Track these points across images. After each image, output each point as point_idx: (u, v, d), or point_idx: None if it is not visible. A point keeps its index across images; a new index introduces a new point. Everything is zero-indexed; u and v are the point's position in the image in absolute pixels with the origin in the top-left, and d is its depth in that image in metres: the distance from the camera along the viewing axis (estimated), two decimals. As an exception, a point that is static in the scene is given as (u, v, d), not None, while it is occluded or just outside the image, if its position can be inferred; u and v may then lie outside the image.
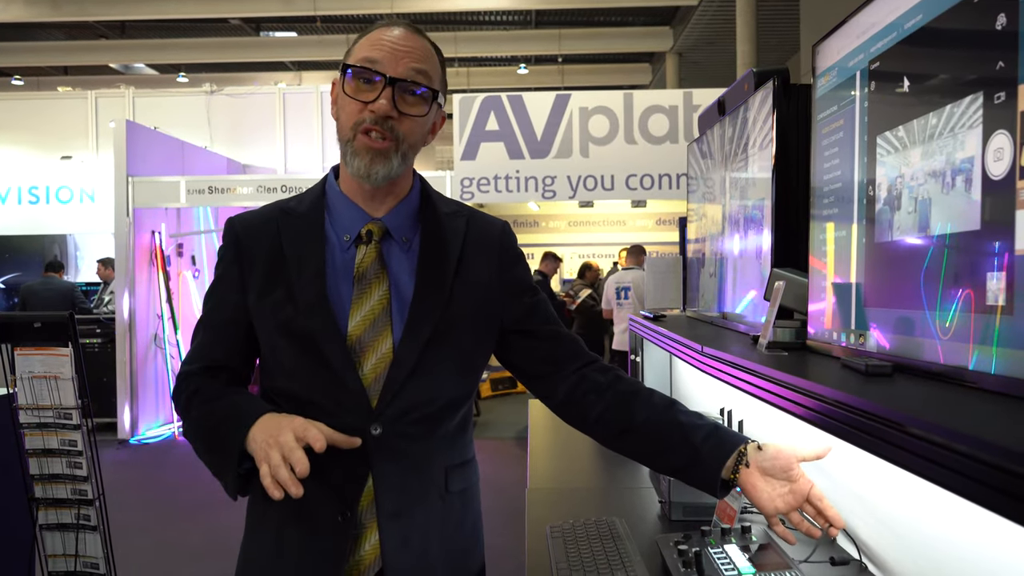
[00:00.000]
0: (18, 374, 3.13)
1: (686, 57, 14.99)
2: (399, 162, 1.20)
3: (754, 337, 1.96)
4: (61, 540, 3.22)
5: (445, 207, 1.32)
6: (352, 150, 1.19)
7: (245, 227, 1.27)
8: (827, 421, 1.20)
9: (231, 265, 1.26)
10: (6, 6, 12.68)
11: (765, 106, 2.09)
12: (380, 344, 1.19)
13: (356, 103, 1.17)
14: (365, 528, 1.17)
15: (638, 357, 3.19)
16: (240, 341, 1.25)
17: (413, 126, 1.20)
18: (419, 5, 12.98)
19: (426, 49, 1.22)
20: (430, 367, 1.20)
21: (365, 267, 1.22)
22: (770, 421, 1.96)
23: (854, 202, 1.50)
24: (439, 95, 1.23)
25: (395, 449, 1.18)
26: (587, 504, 1.85)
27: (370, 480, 1.17)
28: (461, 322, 1.24)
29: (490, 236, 1.33)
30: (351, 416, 1.16)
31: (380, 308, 1.20)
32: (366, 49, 1.18)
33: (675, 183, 6.75)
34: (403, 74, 1.17)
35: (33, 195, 9.26)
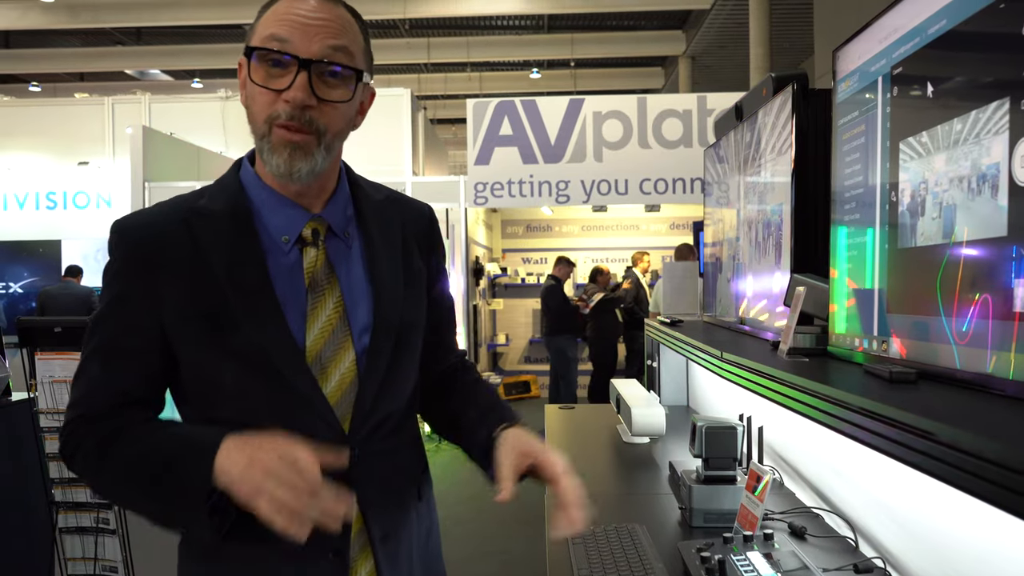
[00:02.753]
0: (39, 378, 3.16)
1: (699, 61, 14.96)
2: (324, 156, 1.04)
3: (774, 343, 1.95)
4: (80, 543, 3.24)
5: (376, 193, 1.21)
6: (269, 146, 1.03)
7: (143, 234, 1.06)
8: (851, 428, 1.19)
9: (132, 281, 1.04)
10: (24, 14, 12.83)
11: (784, 111, 2.08)
12: (342, 358, 1.07)
13: (267, 93, 1.01)
14: (356, 559, 1.07)
15: (655, 362, 3.19)
16: (157, 370, 1.05)
17: (336, 114, 1.04)
18: (431, 10, 13.02)
19: (343, 19, 1.04)
20: (395, 374, 1.11)
21: (317, 271, 1.08)
22: (791, 428, 1.95)
23: (876, 208, 1.49)
24: (364, 74, 1.06)
25: (373, 469, 1.08)
26: (607, 511, 1.85)
27: (357, 507, 1.06)
28: (416, 320, 1.17)
29: (421, 222, 1.24)
30: (319, 443, 0.96)
31: (337, 317, 1.07)
32: (272, 25, 1.01)
33: (689, 187, 6.74)
34: (319, 53, 1.00)
35: (51, 200, 9.35)
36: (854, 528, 1.57)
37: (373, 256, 1.13)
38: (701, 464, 1.72)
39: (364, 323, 1.09)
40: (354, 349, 1.08)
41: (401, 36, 15.20)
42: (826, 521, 1.68)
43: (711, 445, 1.70)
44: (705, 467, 1.71)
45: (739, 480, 1.71)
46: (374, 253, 1.13)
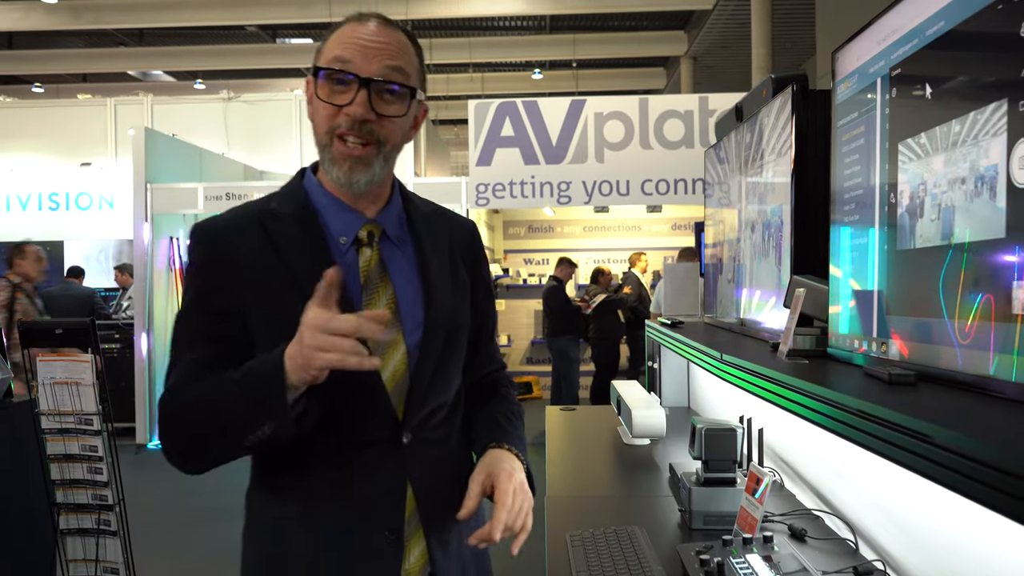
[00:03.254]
0: (40, 380, 3.16)
1: (701, 61, 14.95)
2: (381, 166, 1.15)
3: (774, 344, 1.94)
4: (82, 545, 3.25)
5: (423, 207, 1.30)
6: (330, 157, 1.13)
7: (223, 234, 1.17)
8: (849, 430, 1.19)
9: (212, 278, 1.14)
10: (27, 14, 12.86)
11: (784, 112, 2.08)
12: (394, 351, 1.16)
13: (330, 107, 1.11)
14: (409, 539, 1.16)
15: (655, 364, 3.18)
16: (235, 357, 1.11)
17: (392, 127, 1.14)
18: (433, 11, 13.03)
19: (400, 43, 1.15)
20: (444, 369, 1.20)
21: (371, 270, 1.18)
22: (791, 429, 1.95)
23: (875, 209, 1.49)
24: (417, 91, 1.17)
25: (425, 455, 1.17)
26: (606, 512, 1.85)
27: (412, 490, 1.15)
28: (462, 321, 1.26)
29: (465, 238, 1.33)
30: (378, 427, 1.13)
31: (389, 313, 1.16)
32: (337, 47, 1.12)
33: (691, 188, 6.73)
34: (377, 73, 1.10)
35: (53, 201, 9.37)
36: (854, 530, 1.57)
37: (424, 260, 1.22)
38: (701, 466, 1.72)
39: (415, 320, 1.18)
40: (405, 344, 1.16)
41: (403, 37, 15.18)
42: (826, 523, 1.68)
43: (711, 447, 1.69)
44: (705, 469, 1.71)
45: (739, 482, 1.70)
46: (425, 257, 1.22)
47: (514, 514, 1.12)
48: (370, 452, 1.14)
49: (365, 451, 1.14)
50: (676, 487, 1.98)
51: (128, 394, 6.98)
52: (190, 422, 1.08)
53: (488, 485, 1.14)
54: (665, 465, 2.28)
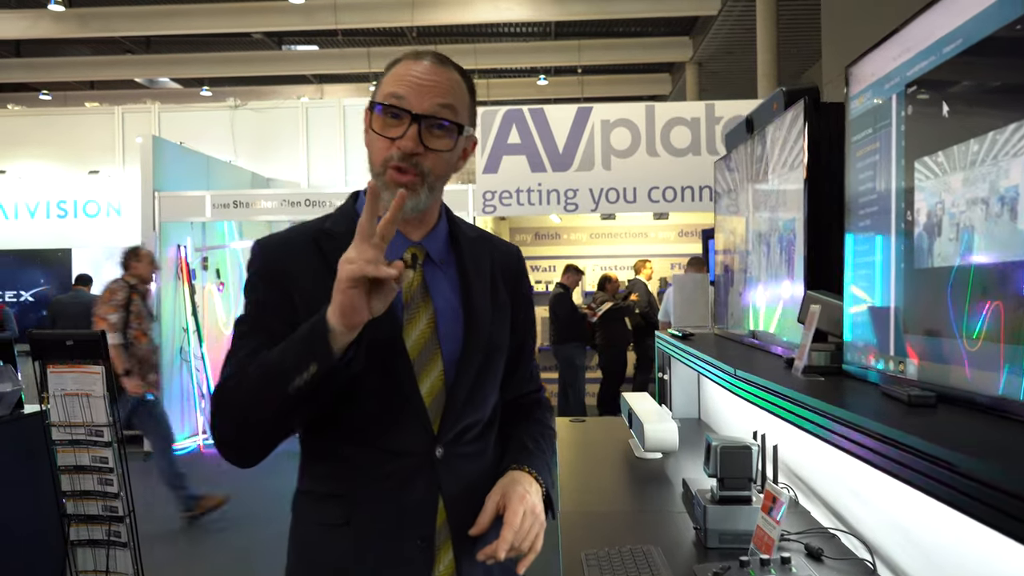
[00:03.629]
0: (50, 391, 3.17)
1: (706, 67, 14.94)
2: (426, 195, 1.21)
3: (788, 359, 1.94)
4: (92, 556, 3.25)
5: (470, 232, 1.37)
6: (382, 183, 1.20)
7: (282, 250, 1.25)
8: (870, 454, 1.18)
9: (271, 289, 1.22)
10: (35, 23, 12.92)
11: (796, 126, 2.07)
12: (432, 368, 1.22)
13: (384, 140, 1.19)
14: (439, 548, 1.21)
15: (666, 375, 3.17)
16: None
17: (439, 160, 1.20)
18: (439, 18, 13.05)
19: (452, 81, 1.21)
20: (480, 387, 1.26)
21: (413, 290, 1.24)
22: (805, 445, 1.94)
23: (891, 226, 1.48)
24: (465, 127, 1.23)
25: (457, 469, 1.22)
26: (620, 529, 1.84)
27: (443, 502, 1.21)
28: (500, 342, 1.31)
29: (509, 262, 1.39)
30: (414, 440, 1.20)
31: (429, 332, 1.23)
32: (392, 84, 1.19)
33: (698, 195, 6.72)
34: (428, 110, 1.17)
35: (61, 209, 9.40)
36: (872, 550, 1.56)
37: (467, 283, 1.28)
38: (716, 484, 1.71)
39: (454, 339, 1.24)
40: (443, 361, 1.23)
41: (408, 43, 15.24)
42: (843, 542, 1.66)
43: (726, 465, 1.69)
44: (720, 487, 1.70)
45: (754, 500, 1.69)
46: (468, 280, 1.28)
47: (521, 535, 1.16)
48: (405, 463, 1.20)
49: (400, 462, 1.20)
50: (690, 504, 1.97)
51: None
52: (241, 390, 1.13)
53: (502, 504, 1.19)
54: (677, 480, 2.27)
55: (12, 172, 10.02)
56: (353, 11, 12.91)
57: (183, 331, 7.38)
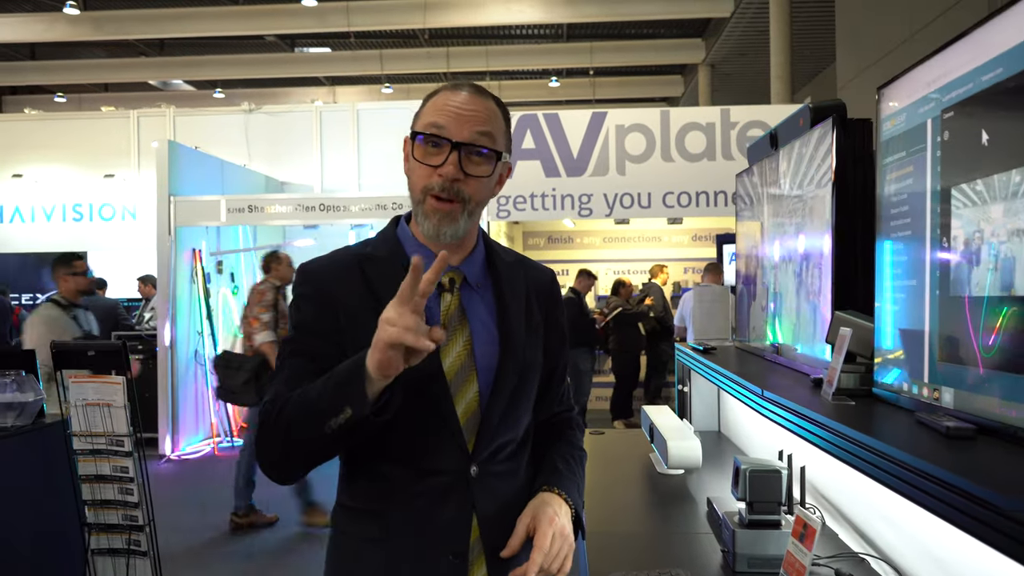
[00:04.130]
0: (72, 401, 3.19)
1: (718, 69, 14.90)
2: (466, 221, 1.25)
3: (815, 380, 1.92)
4: (112, 565, 3.27)
5: (506, 256, 1.40)
6: (423, 212, 1.25)
7: (326, 273, 1.30)
8: (907, 488, 1.17)
9: (316, 310, 1.26)
10: (50, 26, 13.02)
11: (824, 144, 2.06)
12: (468, 389, 1.25)
13: (425, 168, 1.23)
14: (472, 564, 1.24)
15: (686, 387, 3.16)
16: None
17: (478, 186, 1.25)
18: (451, 20, 13.06)
19: (489, 110, 1.26)
20: (513, 408, 1.29)
21: (451, 313, 1.28)
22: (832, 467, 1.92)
23: (926, 252, 1.47)
24: (503, 154, 1.28)
25: (491, 487, 1.25)
26: (647, 550, 1.83)
27: (476, 520, 1.24)
28: (534, 362, 1.34)
29: (543, 285, 1.42)
30: (450, 459, 1.23)
31: (465, 353, 1.26)
32: (432, 114, 1.24)
33: (712, 200, 6.69)
34: (468, 138, 1.22)
35: (77, 212, 9.47)
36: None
37: (503, 305, 1.32)
38: (745, 507, 1.70)
39: (489, 360, 1.27)
40: (478, 382, 1.26)
41: (421, 46, 15.27)
42: (872, 567, 1.65)
43: (755, 489, 1.68)
44: (749, 511, 1.69)
45: (784, 524, 1.68)
46: (504, 303, 1.32)
47: (550, 558, 1.20)
48: (440, 481, 1.23)
49: (436, 480, 1.23)
50: (716, 525, 1.96)
51: (151, 405, 7.03)
52: (282, 419, 1.17)
53: (532, 527, 1.23)
54: (700, 498, 2.26)
55: (29, 175, 10.09)
56: (365, 13, 12.94)
57: (197, 334, 7.41)
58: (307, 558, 4.40)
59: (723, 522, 1.77)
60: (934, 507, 1.10)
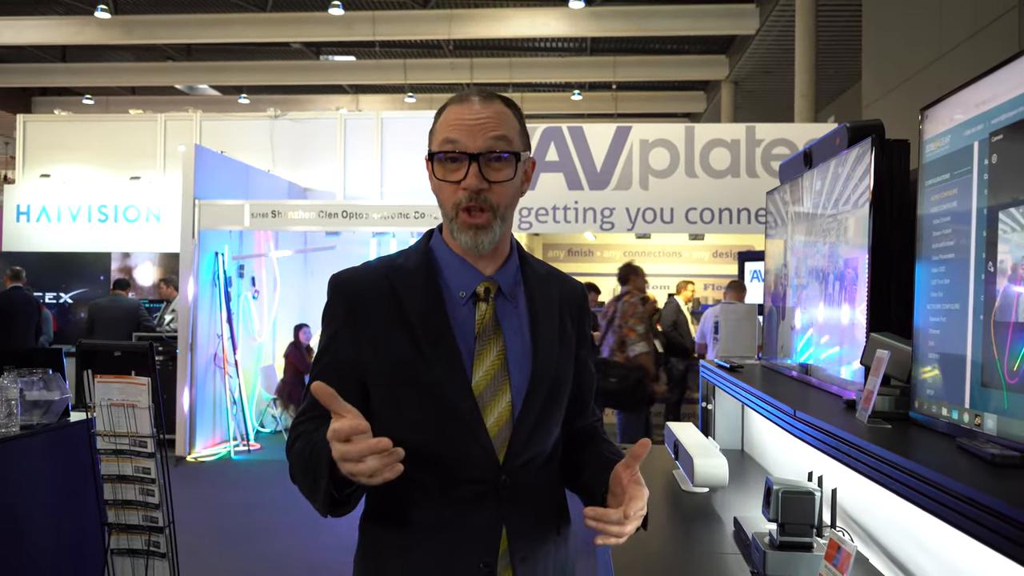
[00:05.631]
0: (97, 400, 3.21)
1: (742, 86, 14.87)
2: (500, 226, 1.26)
3: (847, 401, 1.90)
4: (131, 565, 3.28)
5: (539, 268, 1.40)
6: (457, 227, 1.26)
7: (354, 285, 1.31)
8: (950, 513, 1.15)
9: (343, 324, 1.29)
10: (81, 29, 13.22)
11: (861, 164, 2.04)
12: (500, 399, 1.25)
13: (449, 185, 1.24)
14: (501, 572, 1.24)
15: (710, 405, 3.14)
16: (354, 399, 1.21)
17: (504, 190, 1.25)
18: (476, 32, 13.14)
19: (501, 114, 1.26)
20: (544, 420, 1.29)
21: (485, 323, 1.28)
22: (860, 488, 1.90)
23: (970, 275, 1.45)
24: (522, 154, 1.28)
25: (520, 498, 1.25)
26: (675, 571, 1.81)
27: (505, 529, 1.24)
28: (566, 375, 1.34)
29: (574, 297, 1.42)
30: (478, 469, 1.23)
31: (499, 363, 1.26)
32: (445, 130, 1.25)
33: (735, 218, 6.66)
34: (484, 147, 1.22)
35: (102, 213, 9.58)
36: (939, 605, 1.52)
37: (535, 317, 1.32)
38: (776, 529, 1.68)
39: (522, 371, 1.27)
40: (511, 392, 1.26)
41: (445, 56, 15.36)
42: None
43: (788, 510, 1.65)
44: (780, 532, 1.67)
45: (815, 547, 1.66)
46: (536, 315, 1.32)
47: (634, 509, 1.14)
48: (470, 490, 1.23)
49: (466, 489, 1.23)
50: (744, 545, 1.93)
51: (169, 407, 7.07)
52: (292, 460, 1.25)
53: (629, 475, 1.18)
54: (726, 517, 2.24)
55: (56, 176, 10.23)
56: (391, 23, 13.05)
57: (217, 337, 7.45)
58: (330, 564, 4.40)
59: (753, 543, 1.75)
60: (980, 534, 1.08)
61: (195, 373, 7.16)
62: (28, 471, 3.14)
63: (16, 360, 3.26)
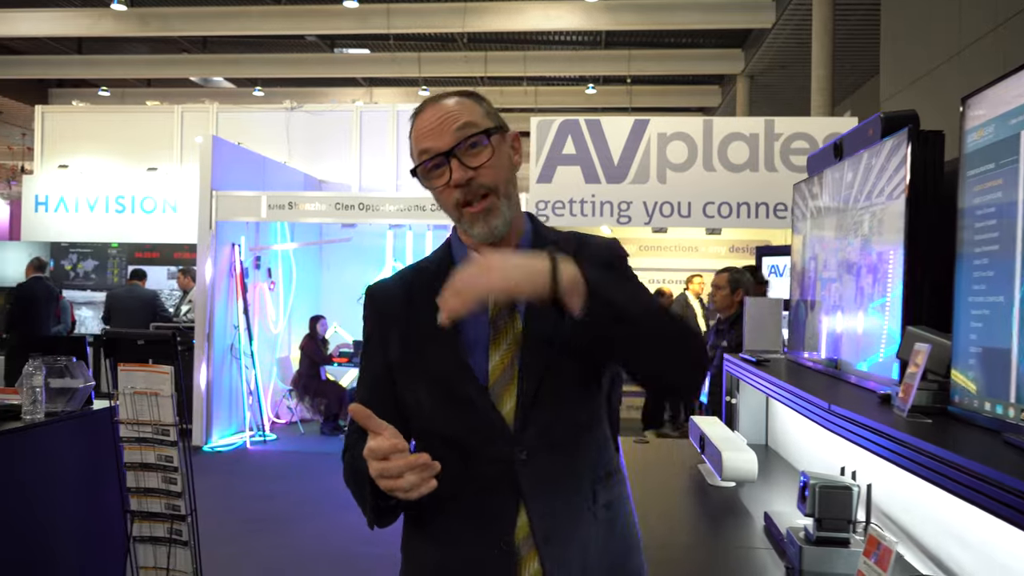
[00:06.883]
0: (120, 389, 3.22)
1: (757, 80, 14.77)
2: (506, 206, 1.27)
3: (882, 396, 1.88)
4: (153, 553, 3.29)
5: (556, 236, 1.38)
6: (467, 223, 1.28)
7: (381, 292, 1.38)
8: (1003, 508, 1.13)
9: (373, 328, 1.36)
10: (97, 21, 13.27)
11: (897, 154, 2.01)
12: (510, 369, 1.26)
13: (444, 189, 1.27)
14: (524, 556, 1.22)
15: (734, 399, 3.12)
16: (389, 398, 1.32)
17: (492, 170, 1.26)
18: (489, 25, 13.11)
19: (458, 105, 1.27)
20: (564, 388, 1.26)
21: (499, 309, 1.28)
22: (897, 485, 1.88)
23: (1016, 267, 1.42)
24: (492, 129, 1.27)
25: (542, 472, 1.24)
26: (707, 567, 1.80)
27: (524, 508, 1.22)
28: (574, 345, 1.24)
29: (599, 252, 1.36)
30: (495, 446, 1.24)
31: (516, 347, 1.27)
32: (416, 144, 1.28)
33: (754, 212, 6.62)
34: (452, 141, 1.24)
35: (120, 204, 9.63)
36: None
37: None
38: (813, 524, 1.66)
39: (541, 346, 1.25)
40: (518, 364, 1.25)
41: (459, 50, 15.33)
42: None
43: (825, 505, 1.63)
44: (817, 527, 1.65)
45: (852, 543, 1.64)
46: None
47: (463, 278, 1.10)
48: (488, 471, 1.24)
49: (484, 470, 1.24)
50: (774, 539, 1.92)
51: (186, 396, 7.10)
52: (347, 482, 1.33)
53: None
54: (755, 511, 2.22)
55: (74, 166, 10.28)
56: (406, 16, 13.03)
57: (234, 329, 7.48)
58: (348, 554, 4.41)
59: (788, 538, 1.73)
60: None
61: (212, 363, 7.18)
62: (53, 458, 3.15)
63: (41, 347, 3.28)
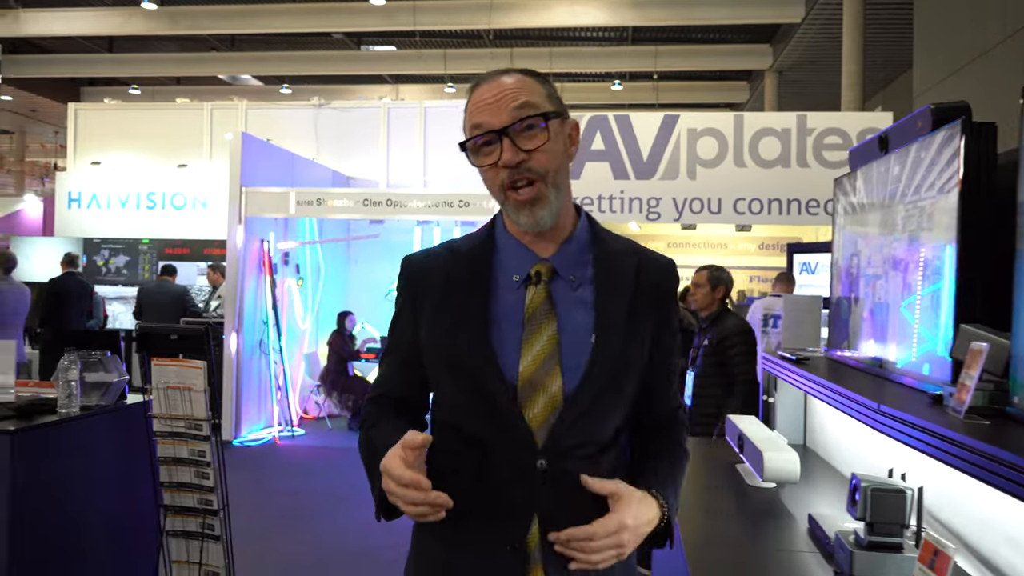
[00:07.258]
0: (153, 383, 3.23)
1: (786, 76, 14.57)
2: (555, 196, 1.22)
3: (933, 396, 1.82)
4: (186, 547, 3.30)
5: (615, 244, 1.32)
6: (511, 208, 1.23)
7: (418, 264, 1.33)
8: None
9: (405, 301, 1.32)
10: (128, 20, 13.43)
11: (949, 147, 1.95)
12: (550, 384, 1.20)
13: (489, 168, 1.22)
14: (536, 562, 1.19)
15: (772, 398, 3.06)
16: (414, 375, 1.32)
17: (545, 156, 1.21)
18: (515, 21, 13.06)
19: (519, 82, 1.22)
20: (599, 407, 1.22)
21: (535, 308, 1.23)
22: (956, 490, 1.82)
23: (1083, 264, 1.36)
24: (551, 113, 1.22)
25: (561, 485, 1.19)
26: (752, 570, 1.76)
27: (537, 516, 1.19)
28: (631, 364, 1.25)
29: (656, 275, 1.31)
30: (516, 451, 1.20)
31: (550, 347, 1.21)
32: (471, 118, 1.23)
33: (785, 208, 6.52)
34: (509, 119, 1.19)
35: (151, 200, 9.74)
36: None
37: (601, 299, 1.24)
38: (864, 528, 1.61)
39: (577, 356, 1.21)
40: (562, 377, 1.20)
41: (485, 46, 15.31)
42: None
43: (877, 508, 1.58)
44: (869, 532, 1.60)
45: (905, 548, 1.59)
46: (602, 296, 1.25)
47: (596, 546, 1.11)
48: (505, 474, 1.20)
49: (501, 472, 1.20)
50: (820, 543, 1.87)
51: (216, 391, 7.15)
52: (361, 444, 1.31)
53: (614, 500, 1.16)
54: (798, 513, 2.17)
55: (106, 163, 10.41)
56: (432, 13, 13.02)
57: (263, 324, 7.52)
58: (377, 549, 4.41)
59: (837, 542, 1.68)
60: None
61: (241, 358, 7.23)
62: (87, 451, 3.18)
63: (74, 342, 3.30)
